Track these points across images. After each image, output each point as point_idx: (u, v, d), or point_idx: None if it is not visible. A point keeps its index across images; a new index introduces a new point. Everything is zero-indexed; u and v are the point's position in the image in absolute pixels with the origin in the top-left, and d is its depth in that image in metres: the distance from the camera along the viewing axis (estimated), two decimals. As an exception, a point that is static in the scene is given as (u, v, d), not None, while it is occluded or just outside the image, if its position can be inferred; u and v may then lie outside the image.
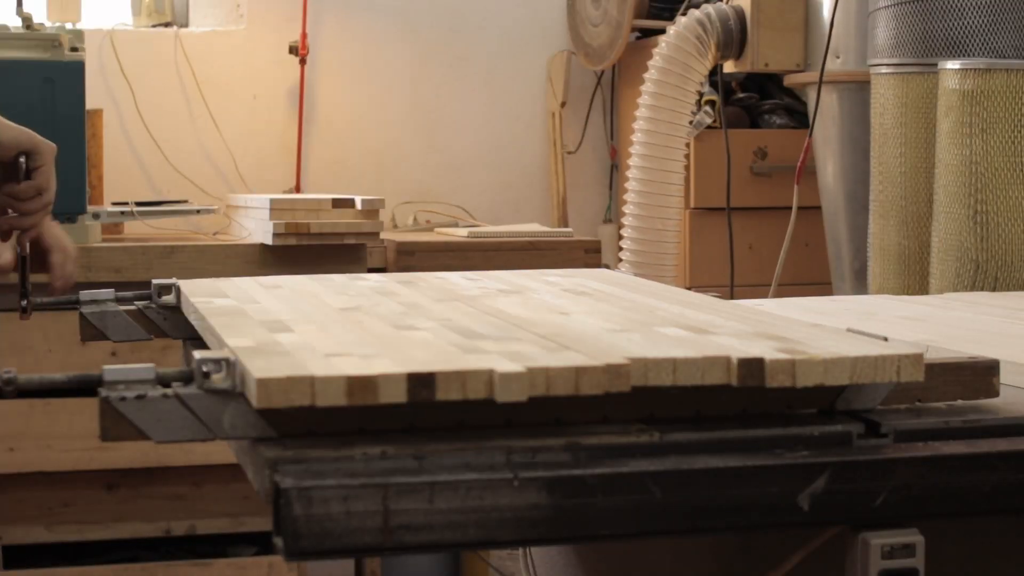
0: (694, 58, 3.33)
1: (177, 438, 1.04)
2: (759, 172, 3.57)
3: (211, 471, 3.07)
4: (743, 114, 3.66)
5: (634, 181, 3.36)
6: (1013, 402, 1.20)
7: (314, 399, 0.97)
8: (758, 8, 3.31)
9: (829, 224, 3.19)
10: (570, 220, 4.01)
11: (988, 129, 2.20)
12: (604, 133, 4.10)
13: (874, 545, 1.04)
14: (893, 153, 2.49)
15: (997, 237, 2.20)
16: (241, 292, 1.53)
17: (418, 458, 0.99)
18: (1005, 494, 1.08)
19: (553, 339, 1.15)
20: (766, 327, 1.23)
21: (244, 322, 1.28)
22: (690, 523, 1.02)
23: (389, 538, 0.96)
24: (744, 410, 1.11)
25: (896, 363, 1.07)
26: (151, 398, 1.03)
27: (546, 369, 1.00)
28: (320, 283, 1.62)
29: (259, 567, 3.17)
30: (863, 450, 1.07)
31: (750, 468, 1.03)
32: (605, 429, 1.05)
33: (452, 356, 1.08)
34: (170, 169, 3.67)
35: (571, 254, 3.20)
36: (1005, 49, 2.37)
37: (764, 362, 1.05)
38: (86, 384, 1.07)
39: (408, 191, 3.92)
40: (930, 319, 1.66)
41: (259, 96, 3.81)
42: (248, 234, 3.18)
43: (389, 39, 3.92)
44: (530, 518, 0.99)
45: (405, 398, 0.98)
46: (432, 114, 3.97)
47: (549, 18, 4.05)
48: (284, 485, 0.95)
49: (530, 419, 1.06)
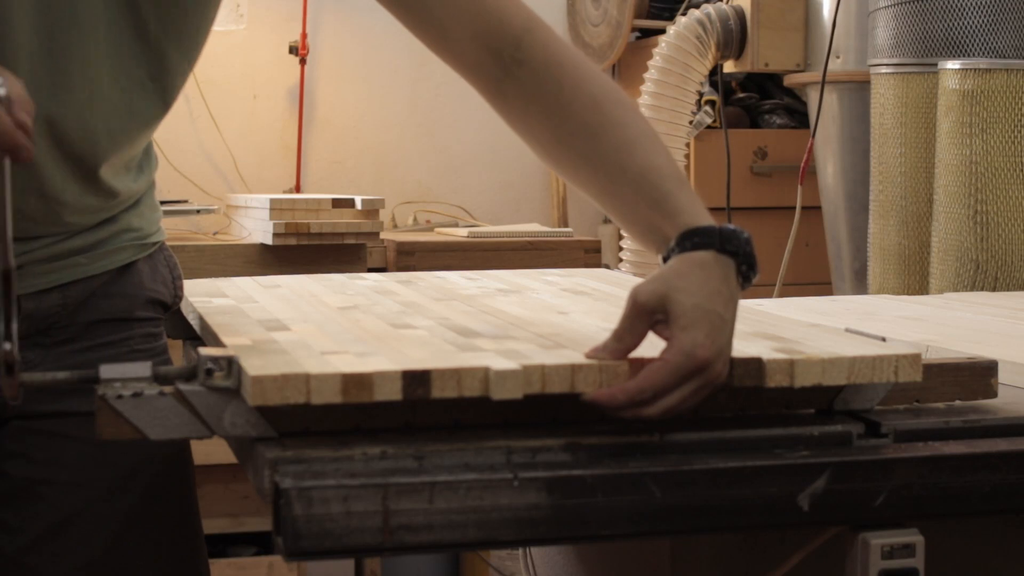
0: (694, 58, 3.33)
1: (174, 436, 1.04)
2: (759, 172, 3.57)
3: (211, 471, 3.07)
4: (743, 114, 3.66)
5: (634, 181, 3.36)
6: (1013, 402, 1.20)
7: (309, 396, 0.97)
8: (758, 8, 3.30)
9: (829, 224, 3.19)
10: (570, 220, 4.01)
11: (988, 129, 2.20)
12: (604, 133, 4.09)
13: (874, 545, 1.04)
14: (893, 153, 2.49)
15: (997, 237, 2.20)
16: (240, 292, 1.53)
17: (418, 458, 0.99)
18: (1005, 494, 1.08)
19: (550, 338, 1.15)
20: (765, 327, 1.23)
21: (242, 321, 1.28)
22: (690, 523, 1.02)
23: (389, 538, 0.96)
24: (742, 410, 1.11)
25: (894, 363, 1.07)
26: (148, 396, 1.03)
27: (541, 367, 1.01)
28: (319, 283, 1.62)
29: (259, 567, 3.16)
30: (863, 450, 1.07)
31: (750, 468, 1.03)
32: (605, 429, 1.05)
33: (448, 354, 1.08)
34: (170, 169, 3.66)
35: (571, 254, 3.20)
36: (1005, 49, 2.37)
37: (762, 362, 1.05)
38: (85, 382, 1.07)
39: (408, 191, 3.92)
40: (931, 319, 1.66)
41: (259, 96, 3.81)
42: (248, 234, 3.18)
43: (389, 39, 3.91)
44: (530, 518, 0.99)
45: (400, 396, 0.99)
46: (432, 114, 3.97)
47: (549, 18, 4.02)
48: (284, 485, 0.95)
49: (526, 417, 1.06)
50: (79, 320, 1.35)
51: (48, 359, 1.34)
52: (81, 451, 1.33)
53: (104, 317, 1.36)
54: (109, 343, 1.36)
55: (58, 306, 1.32)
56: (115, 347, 1.36)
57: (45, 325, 1.32)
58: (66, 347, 1.33)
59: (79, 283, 1.33)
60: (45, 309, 1.31)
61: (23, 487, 1.34)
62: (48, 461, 1.34)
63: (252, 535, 3.21)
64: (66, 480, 1.35)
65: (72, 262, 1.32)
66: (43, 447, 1.34)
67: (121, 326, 1.38)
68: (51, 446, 1.33)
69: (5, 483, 1.34)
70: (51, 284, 1.31)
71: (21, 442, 1.33)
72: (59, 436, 1.06)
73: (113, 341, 1.37)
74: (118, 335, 1.38)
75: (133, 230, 1.38)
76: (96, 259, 1.34)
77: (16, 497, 1.34)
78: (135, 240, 1.38)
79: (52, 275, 1.31)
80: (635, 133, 1.17)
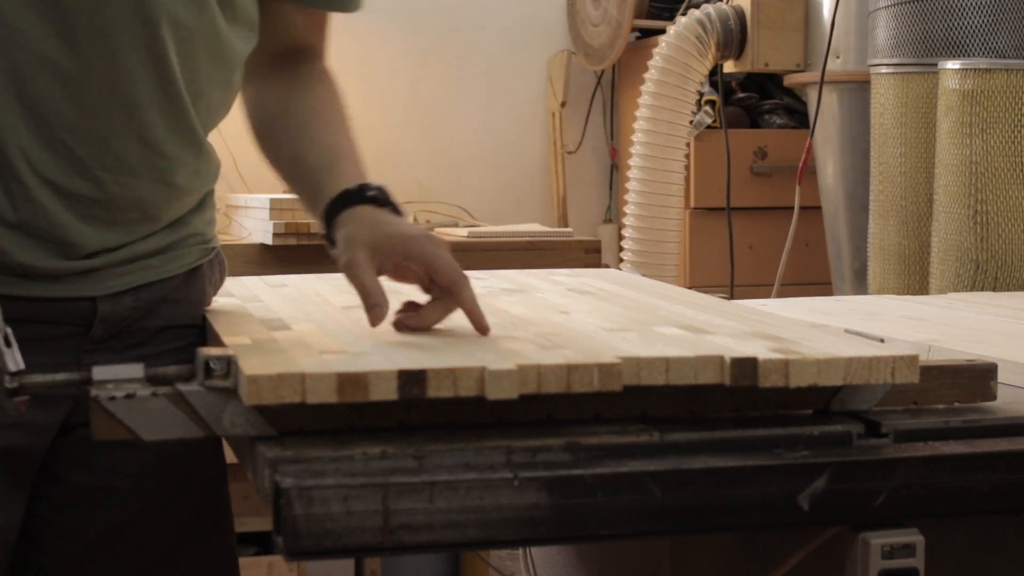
0: (694, 58, 3.33)
1: (167, 436, 1.04)
2: (759, 172, 3.57)
3: (211, 471, 3.07)
4: (743, 114, 3.66)
5: (634, 181, 3.36)
6: (1013, 402, 1.20)
7: (305, 396, 0.97)
8: (758, 8, 3.31)
9: (829, 224, 3.19)
10: (570, 220, 4.01)
11: (988, 129, 2.20)
12: (604, 133, 4.10)
13: (874, 545, 1.04)
14: (893, 153, 2.49)
15: (997, 237, 2.20)
16: (246, 291, 1.53)
17: (418, 458, 0.99)
18: (1005, 494, 1.08)
19: (549, 337, 1.15)
20: (764, 327, 1.23)
21: (244, 320, 1.28)
22: (690, 523, 1.02)
23: (389, 538, 0.96)
24: (738, 410, 1.11)
25: (891, 364, 1.07)
26: (140, 397, 1.03)
27: (537, 367, 1.01)
28: (326, 282, 1.62)
29: (259, 567, 3.16)
30: (863, 450, 1.07)
31: (750, 468, 1.03)
32: (605, 429, 1.05)
33: (445, 354, 1.08)
34: (170, 169, 3.67)
35: (571, 254, 3.20)
36: (1005, 49, 2.37)
37: (757, 362, 1.04)
38: (78, 383, 1.07)
39: (408, 191, 3.92)
40: (933, 319, 1.66)
41: (259, 96, 3.81)
42: (248, 234, 3.18)
43: (389, 39, 3.91)
44: (530, 518, 0.98)
45: (396, 395, 0.99)
46: (432, 114, 3.97)
47: (549, 18, 4.05)
48: (284, 485, 0.95)
49: (522, 417, 1.06)
50: (148, 326, 1.36)
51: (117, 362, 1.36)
52: (142, 459, 1.34)
53: (172, 323, 1.39)
54: (176, 349, 1.38)
55: (130, 309, 1.34)
56: (182, 353, 1.37)
57: (117, 329, 1.33)
58: (136, 351, 1.34)
59: (151, 286, 1.35)
60: (119, 312, 1.33)
61: (82, 493, 1.36)
62: (109, 468, 1.35)
63: (252, 535, 3.21)
64: (126, 488, 1.36)
65: (144, 264, 1.34)
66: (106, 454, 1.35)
67: (187, 332, 1.40)
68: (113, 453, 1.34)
69: (65, 489, 1.36)
70: (125, 287, 1.33)
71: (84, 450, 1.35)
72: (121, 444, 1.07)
73: (180, 347, 1.38)
74: (185, 340, 1.39)
75: (199, 233, 1.40)
76: (167, 262, 1.36)
77: (75, 503, 1.36)
78: (200, 243, 1.41)
79: (126, 277, 1.33)
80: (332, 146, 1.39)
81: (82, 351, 1.31)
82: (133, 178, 1.26)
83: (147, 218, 1.31)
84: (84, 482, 1.35)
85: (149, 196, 1.29)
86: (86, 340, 1.31)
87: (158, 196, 1.30)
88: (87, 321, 1.30)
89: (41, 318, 1.27)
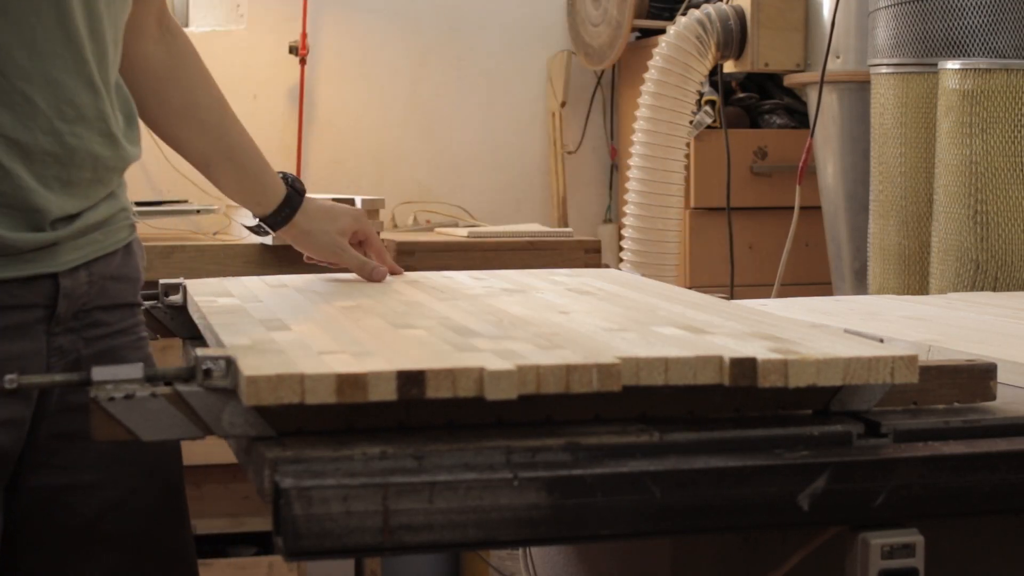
0: (694, 58, 3.33)
1: (166, 436, 1.04)
2: (759, 172, 3.57)
3: (211, 471, 3.07)
4: (743, 114, 3.66)
5: (634, 181, 3.36)
6: (1013, 402, 1.20)
7: (303, 396, 0.97)
8: (758, 8, 3.30)
9: (829, 224, 3.19)
10: (570, 220, 4.01)
11: (988, 129, 2.20)
12: (604, 133, 4.10)
13: (874, 545, 1.04)
14: (893, 153, 2.49)
15: (997, 237, 2.20)
16: (246, 291, 1.53)
17: (418, 458, 0.99)
18: (1005, 494, 1.08)
19: (548, 338, 1.15)
20: (764, 327, 1.23)
21: (244, 321, 1.28)
22: (690, 523, 1.02)
23: (389, 538, 0.96)
24: (738, 410, 1.11)
25: (890, 364, 1.07)
26: (139, 397, 1.03)
27: (536, 367, 1.00)
28: (327, 282, 1.62)
29: (259, 567, 3.16)
30: (863, 450, 1.07)
31: (750, 468, 1.03)
32: (605, 429, 1.05)
33: (444, 354, 1.08)
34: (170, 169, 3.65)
35: (571, 254, 3.20)
36: (1005, 49, 2.37)
37: (756, 362, 1.04)
38: (77, 384, 1.07)
39: (408, 191, 3.92)
40: (934, 319, 1.66)
41: (259, 96, 3.81)
42: (248, 234, 3.17)
43: (389, 39, 3.92)
44: (530, 518, 0.98)
45: (395, 396, 0.99)
46: (432, 114, 3.97)
47: (549, 18, 4.05)
48: (284, 485, 0.95)
49: (522, 417, 1.06)
50: (99, 305, 1.41)
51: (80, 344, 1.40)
52: (101, 449, 1.36)
53: (119, 301, 1.44)
54: (122, 331, 1.44)
55: (86, 284, 1.38)
56: (127, 335, 1.45)
57: (76, 307, 1.38)
58: (93, 332, 1.40)
59: (99, 262, 1.40)
60: (78, 289, 1.37)
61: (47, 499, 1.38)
62: (70, 464, 1.37)
63: (252, 535, 3.21)
64: (89, 482, 1.37)
65: (92, 239, 1.39)
66: (65, 452, 1.36)
67: (128, 312, 1.46)
68: (71, 449, 1.35)
69: (32, 497, 1.37)
70: (80, 260, 1.38)
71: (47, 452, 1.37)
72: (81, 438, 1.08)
73: (125, 328, 1.45)
74: (128, 322, 1.46)
75: (125, 209, 1.46)
76: (108, 236, 1.42)
77: (40, 509, 1.37)
78: (127, 219, 1.46)
79: (80, 251, 1.37)
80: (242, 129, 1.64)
81: (50, 335, 1.35)
82: (86, 128, 1.32)
83: (97, 180, 1.36)
84: (48, 484, 1.37)
85: (100, 150, 1.34)
86: (53, 323, 1.35)
87: (106, 150, 1.35)
88: (52, 300, 1.34)
89: (11, 303, 1.31)
